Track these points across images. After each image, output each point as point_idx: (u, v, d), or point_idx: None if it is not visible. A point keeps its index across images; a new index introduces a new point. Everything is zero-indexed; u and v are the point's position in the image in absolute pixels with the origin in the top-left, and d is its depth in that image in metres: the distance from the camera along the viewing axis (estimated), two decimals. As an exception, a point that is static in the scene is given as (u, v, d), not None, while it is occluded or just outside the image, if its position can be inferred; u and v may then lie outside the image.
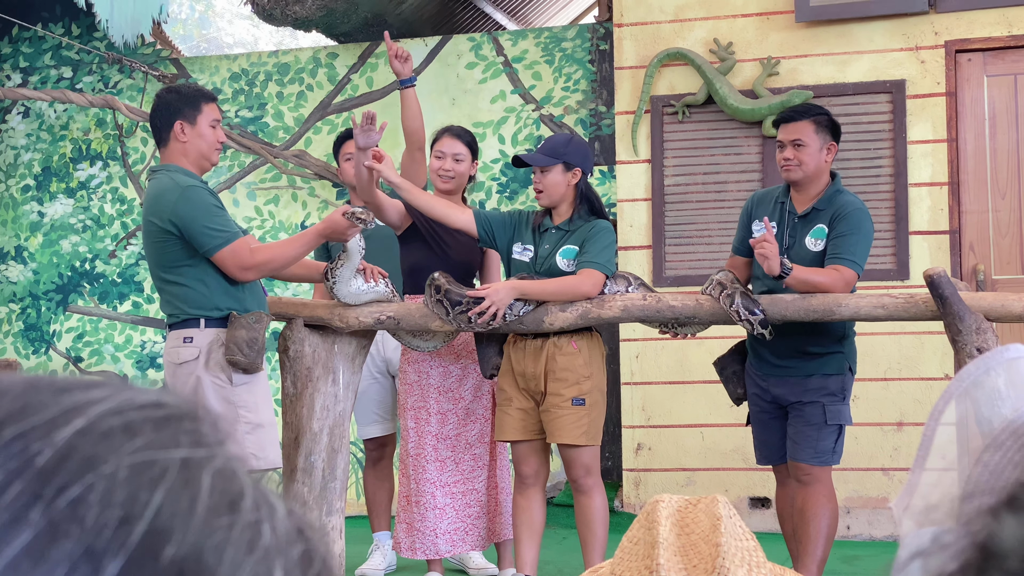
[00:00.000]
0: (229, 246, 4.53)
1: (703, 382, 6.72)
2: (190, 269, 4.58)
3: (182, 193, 4.53)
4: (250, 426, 4.57)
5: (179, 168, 4.64)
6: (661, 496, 1.71)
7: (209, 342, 4.56)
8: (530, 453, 5.00)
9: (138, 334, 8.32)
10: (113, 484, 0.50)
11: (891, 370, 6.70)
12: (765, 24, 7.03)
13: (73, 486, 0.50)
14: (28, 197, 8.54)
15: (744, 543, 1.64)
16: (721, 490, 6.87)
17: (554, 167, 4.96)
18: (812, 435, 4.80)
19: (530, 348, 4.96)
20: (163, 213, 4.53)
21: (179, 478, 0.51)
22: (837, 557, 6.13)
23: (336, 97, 8.11)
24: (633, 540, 1.68)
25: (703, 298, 4.80)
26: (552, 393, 4.90)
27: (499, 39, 7.91)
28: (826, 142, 4.85)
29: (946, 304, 4.41)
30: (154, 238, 4.59)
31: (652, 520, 1.66)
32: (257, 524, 0.53)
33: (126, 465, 0.51)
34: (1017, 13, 6.69)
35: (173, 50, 8.77)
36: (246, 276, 4.57)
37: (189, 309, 4.58)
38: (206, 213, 4.53)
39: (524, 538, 4.99)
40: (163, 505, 0.50)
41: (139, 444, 0.52)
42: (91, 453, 0.51)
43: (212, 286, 4.59)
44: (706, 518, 1.66)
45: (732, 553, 1.61)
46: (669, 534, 1.64)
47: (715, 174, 7.08)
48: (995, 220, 6.74)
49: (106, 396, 0.53)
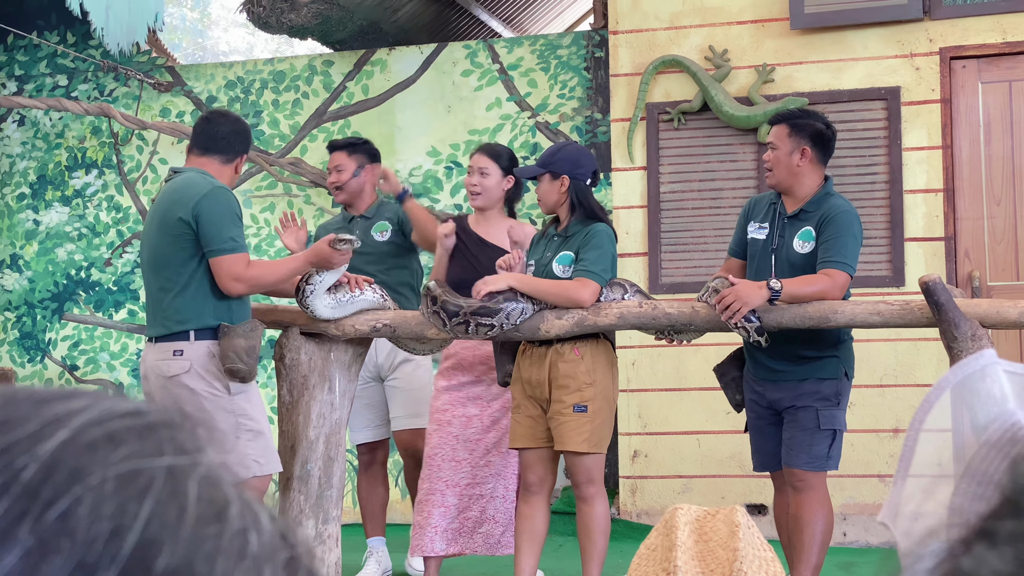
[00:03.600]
0: (233, 254, 4.59)
1: (699, 389, 6.72)
2: (194, 273, 4.61)
3: (212, 190, 4.62)
4: (252, 434, 4.61)
5: (211, 176, 4.74)
6: (680, 504, 1.72)
7: (201, 354, 4.59)
8: (536, 461, 5.01)
9: (134, 342, 8.31)
10: (101, 496, 0.49)
11: (887, 377, 6.71)
12: (760, 31, 7.04)
13: (61, 500, 0.49)
14: (24, 205, 8.53)
15: (762, 552, 1.65)
16: (718, 497, 6.87)
17: (543, 176, 5.04)
18: (805, 440, 4.80)
19: (536, 355, 4.99)
20: (188, 204, 4.58)
21: (166, 488, 0.51)
22: (833, 564, 6.13)
23: (332, 105, 8.11)
24: (651, 547, 1.69)
25: (699, 305, 4.80)
26: (555, 400, 4.92)
27: (495, 46, 7.92)
28: (799, 146, 4.86)
29: (942, 311, 4.41)
30: (172, 231, 4.61)
31: (671, 526, 1.67)
32: (244, 532, 0.52)
33: (112, 476, 0.50)
34: (1011, 20, 6.71)
35: (169, 58, 8.76)
36: (235, 288, 4.61)
37: (180, 321, 4.60)
38: (227, 217, 4.61)
39: (524, 546, 5.00)
40: (152, 516, 0.50)
41: (124, 454, 0.51)
42: (77, 465, 0.50)
43: (207, 298, 4.63)
44: (724, 526, 1.67)
45: (750, 559, 1.61)
46: (687, 539, 1.65)
47: (711, 181, 7.09)
48: (990, 227, 6.75)
49: (87, 406, 0.53)
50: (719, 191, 7.07)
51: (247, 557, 0.52)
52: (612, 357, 5.01)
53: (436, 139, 7.91)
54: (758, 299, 4.60)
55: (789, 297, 4.62)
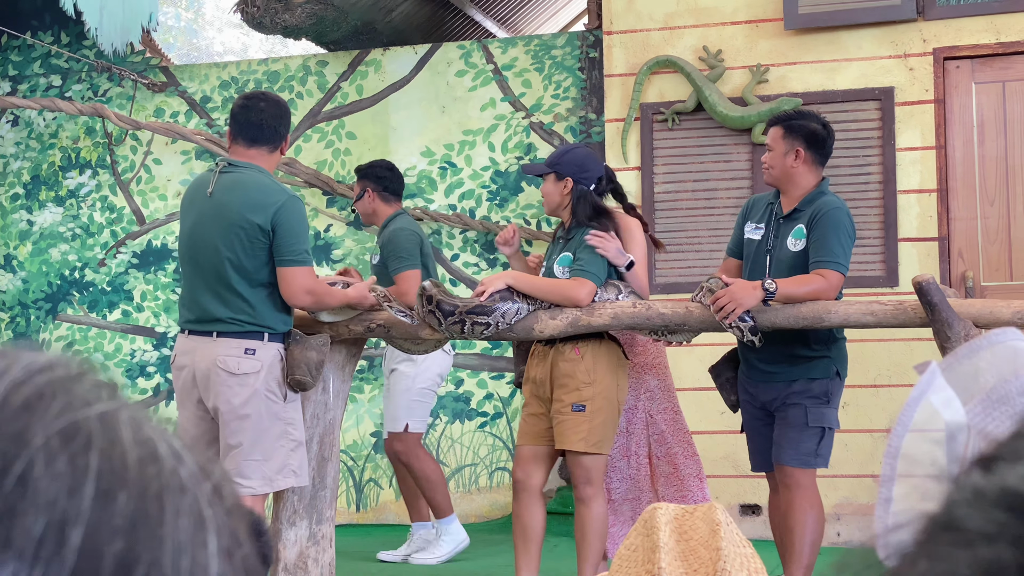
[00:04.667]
0: (306, 266, 4.61)
1: (693, 389, 6.72)
2: (271, 276, 4.61)
3: (290, 200, 4.62)
4: (294, 443, 4.64)
5: (272, 175, 4.74)
6: (658, 504, 1.71)
7: (271, 356, 4.59)
8: (529, 458, 5.02)
9: (128, 343, 8.30)
10: (50, 454, 0.50)
11: (881, 377, 6.71)
12: (754, 32, 7.05)
13: (14, 465, 0.49)
14: (17, 206, 8.52)
15: (743, 550, 1.65)
16: (712, 497, 6.88)
17: (548, 176, 5.07)
18: (793, 437, 4.81)
19: (541, 355, 5.03)
20: (267, 210, 4.56)
21: (105, 436, 0.51)
22: (827, 564, 6.13)
23: (326, 105, 8.11)
24: (631, 547, 1.68)
25: (693, 305, 4.81)
26: (555, 399, 4.95)
27: (489, 47, 7.92)
28: (793, 147, 4.88)
29: (935, 311, 4.42)
30: (246, 233, 4.57)
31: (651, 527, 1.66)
32: (176, 467, 0.53)
33: (55, 433, 0.50)
34: (1005, 20, 6.72)
35: (163, 58, 8.76)
36: (304, 300, 4.62)
37: (257, 320, 4.59)
38: (302, 229, 4.63)
39: (518, 545, 5.06)
40: (101, 466, 0.50)
41: (57, 409, 0.51)
42: (18, 428, 0.50)
43: (279, 302, 4.65)
44: (704, 525, 1.67)
45: (732, 557, 1.61)
46: (669, 539, 1.64)
47: (705, 181, 7.09)
48: (984, 227, 6.75)
49: (5, 367, 0.53)
50: (713, 191, 7.07)
51: (187, 491, 0.53)
52: (617, 359, 4.99)
53: (430, 139, 7.90)
54: (753, 300, 4.60)
55: (784, 297, 4.63)
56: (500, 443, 7.64)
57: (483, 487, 7.64)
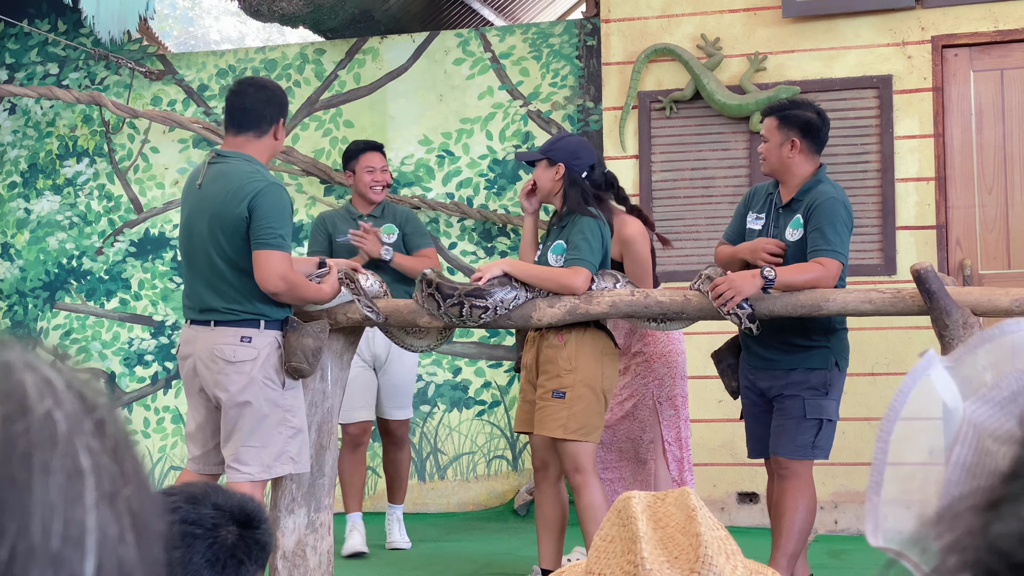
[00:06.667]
0: (281, 251, 4.53)
1: (691, 377, 6.72)
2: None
3: (269, 186, 4.56)
4: (293, 431, 4.63)
5: (262, 165, 4.68)
6: (630, 493, 1.71)
7: (268, 343, 4.58)
8: (539, 445, 5.07)
9: (125, 331, 8.30)
10: None
11: (879, 365, 6.72)
12: (752, 20, 7.04)
13: None
14: (15, 194, 8.51)
15: (718, 532, 1.65)
16: (710, 485, 6.89)
17: (540, 163, 5.11)
18: (791, 428, 4.82)
19: (531, 340, 5.10)
20: (246, 199, 4.52)
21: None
22: (824, 551, 6.15)
23: (323, 93, 8.10)
24: (607, 538, 1.68)
25: (691, 293, 4.81)
26: (538, 385, 5.00)
27: (486, 35, 7.91)
28: (788, 138, 4.90)
29: (933, 299, 4.42)
30: (233, 224, 4.56)
31: (627, 516, 1.66)
32: (49, 414, 0.50)
33: None
34: (1003, 8, 6.71)
35: (160, 46, 8.74)
36: (278, 286, 4.52)
37: (251, 308, 4.58)
38: (278, 214, 4.55)
39: (539, 532, 5.14)
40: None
41: None
42: None
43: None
44: (678, 511, 1.67)
45: (711, 542, 1.62)
46: (647, 528, 1.64)
47: (703, 170, 7.09)
48: (982, 215, 6.76)
49: None
50: (711, 179, 7.07)
51: (59, 441, 0.50)
52: (603, 346, 4.98)
53: (428, 128, 7.90)
54: (752, 288, 4.61)
55: (783, 286, 4.64)
56: (498, 431, 7.64)
57: (481, 475, 7.64)
